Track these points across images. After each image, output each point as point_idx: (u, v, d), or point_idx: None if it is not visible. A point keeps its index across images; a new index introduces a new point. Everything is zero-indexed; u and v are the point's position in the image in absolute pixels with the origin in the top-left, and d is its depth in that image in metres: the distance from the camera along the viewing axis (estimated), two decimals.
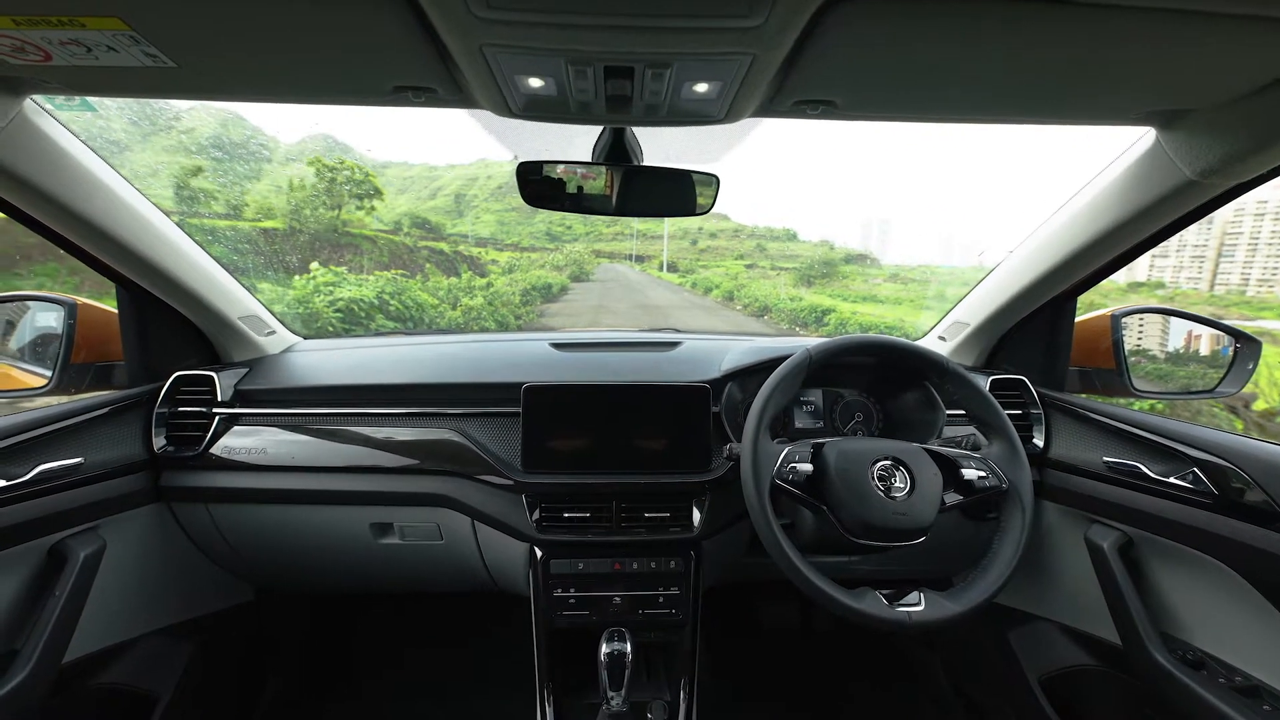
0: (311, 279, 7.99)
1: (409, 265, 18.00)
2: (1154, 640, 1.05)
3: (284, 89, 0.74)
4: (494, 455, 1.18)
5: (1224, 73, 0.68)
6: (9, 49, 0.60)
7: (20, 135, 0.79)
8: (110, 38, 0.58)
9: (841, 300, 25.09)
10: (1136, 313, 1.32)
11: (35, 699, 0.94)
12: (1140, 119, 0.85)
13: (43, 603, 0.99)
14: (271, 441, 1.20)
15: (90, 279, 1.14)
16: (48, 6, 0.54)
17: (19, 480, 0.94)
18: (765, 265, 51.34)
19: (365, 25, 0.58)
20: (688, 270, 42.42)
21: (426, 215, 41.18)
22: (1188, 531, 1.01)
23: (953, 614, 0.91)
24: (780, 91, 0.73)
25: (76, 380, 1.18)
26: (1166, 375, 1.38)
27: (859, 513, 0.93)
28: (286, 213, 16.66)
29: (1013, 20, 0.58)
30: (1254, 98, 0.72)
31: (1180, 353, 1.38)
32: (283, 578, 1.44)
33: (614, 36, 0.58)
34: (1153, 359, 1.38)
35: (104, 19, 0.55)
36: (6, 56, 0.62)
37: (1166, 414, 1.19)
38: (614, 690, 1.03)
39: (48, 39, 0.58)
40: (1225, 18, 0.56)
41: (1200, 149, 0.82)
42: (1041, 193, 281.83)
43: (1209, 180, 0.85)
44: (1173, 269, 30.49)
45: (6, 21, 0.55)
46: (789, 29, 0.56)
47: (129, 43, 0.59)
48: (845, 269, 45.50)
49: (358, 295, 8.17)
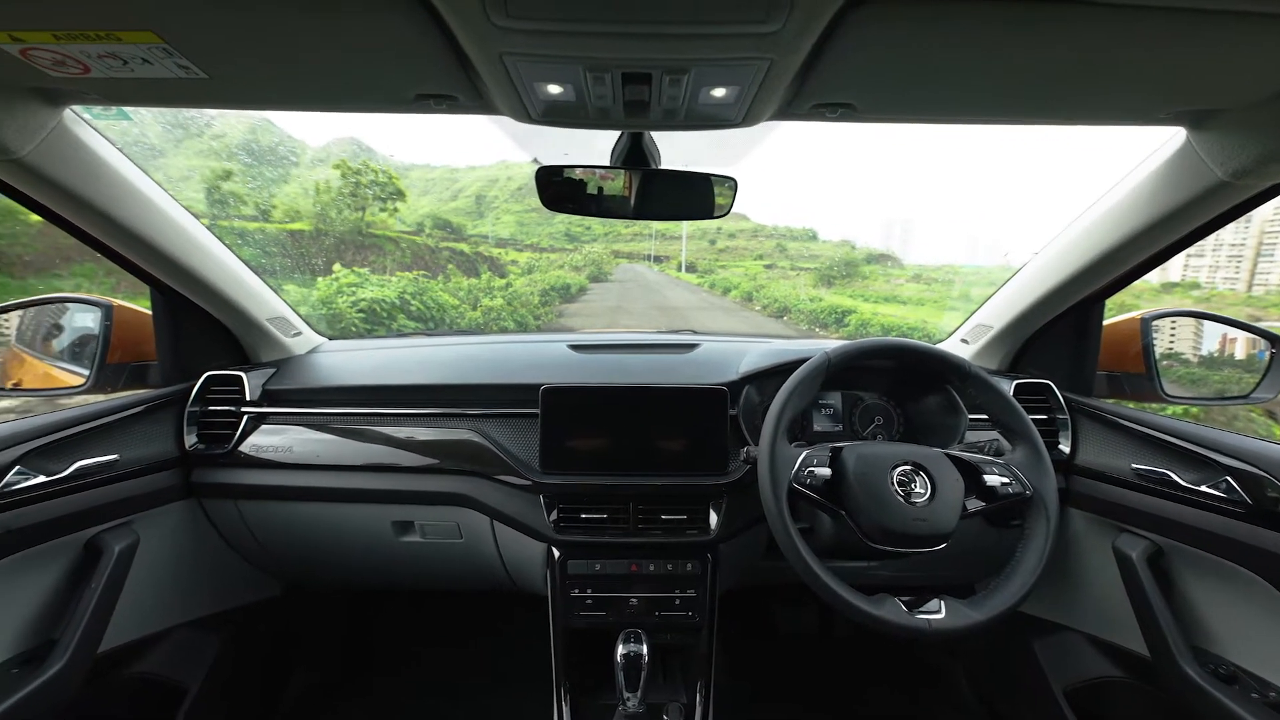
0: (335, 280, 8.17)
1: (430, 266, 18.27)
2: (1184, 653, 1.02)
3: (309, 98, 0.76)
4: (512, 456, 1.19)
5: (1256, 72, 0.65)
6: (50, 62, 0.63)
7: (60, 144, 0.83)
8: (145, 50, 0.60)
9: (863, 301, 24.81)
10: (1167, 316, 1.28)
11: (72, 687, 0.98)
12: (1170, 119, 0.83)
13: (79, 595, 1.02)
14: (297, 440, 1.23)
15: (126, 280, 1.18)
16: (86, 21, 0.56)
17: (58, 476, 0.98)
18: (785, 265, 50.99)
19: (388, 36, 0.59)
20: (706, 270, 42.33)
21: (448, 216, 41.75)
22: (1220, 541, 0.98)
23: (974, 623, 0.90)
24: (798, 95, 0.72)
25: (112, 379, 1.22)
26: (1199, 380, 1.34)
27: (878, 518, 0.92)
28: (313, 215, 17.03)
29: (1035, 21, 0.57)
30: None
31: (1214, 357, 1.33)
32: (308, 574, 1.47)
33: (631, 43, 0.58)
34: (1184, 363, 1.34)
35: (138, 32, 0.57)
36: (47, 70, 0.65)
37: (1200, 420, 1.15)
38: (630, 691, 1.04)
39: (86, 52, 0.61)
40: (1257, 16, 0.54)
41: (1233, 149, 0.80)
42: (1070, 191, 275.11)
43: (1242, 181, 0.82)
44: (1208, 269, 29.49)
45: (47, 36, 0.58)
46: (807, 33, 0.56)
47: (162, 55, 0.61)
48: (867, 269, 44.98)
49: (380, 296, 8.33)
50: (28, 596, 0.99)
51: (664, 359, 1.38)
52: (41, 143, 0.79)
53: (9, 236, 8.72)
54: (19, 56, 0.61)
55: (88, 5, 0.53)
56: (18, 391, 1.26)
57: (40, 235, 9.32)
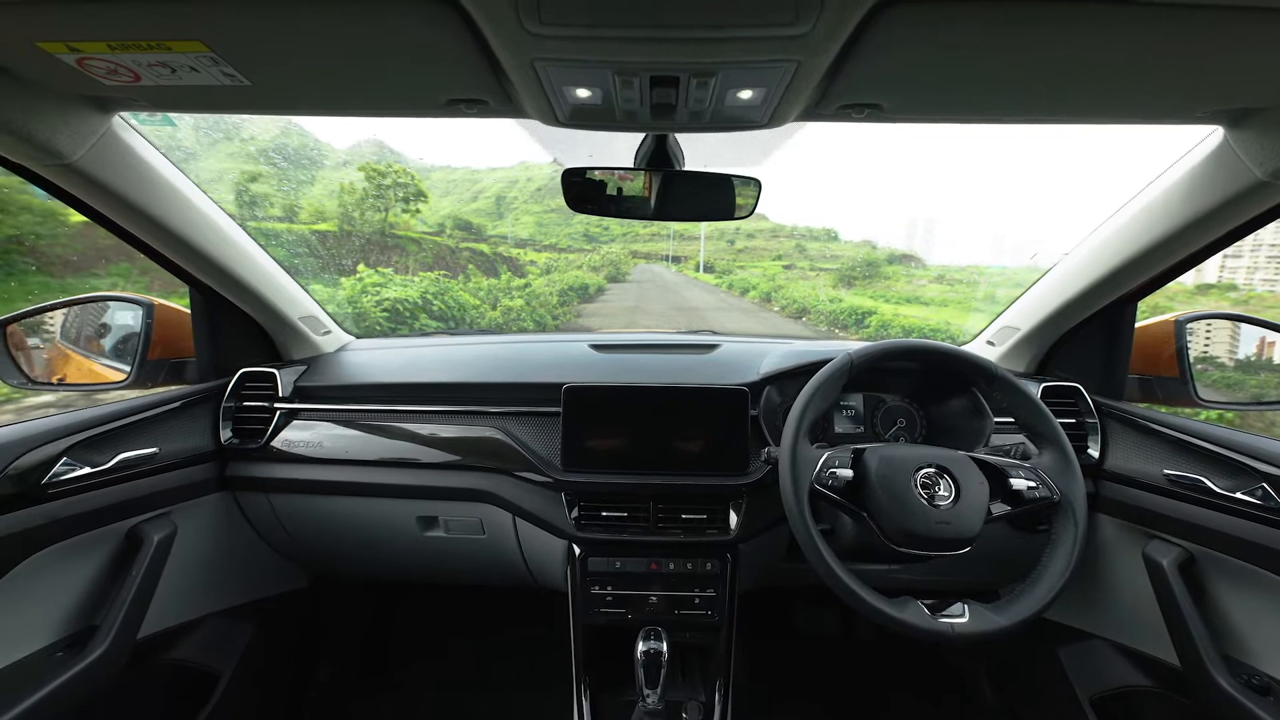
0: (360, 280, 8.33)
1: (451, 266, 18.48)
2: (1216, 663, 0.99)
3: (346, 103, 0.79)
4: (535, 453, 1.21)
5: None
6: (103, 71, 0.66)
7: (109, 150, 0.87)
8: (193, 59, 0.63)
9: (884, 302, 24.45)
10: (1203, 318, 1.25)
11: (113, 672, 1.02)
12: (1206, 117, 0.81)
13: (120, 582, 1.06)
14: (327, 435, 1.26)
15: (160, 278, 1.22)
16: (139, 32, 0.59)
17: (102, 468, 1.02)
18: (804, 266, 50.50)
19: (423, 42, 0.61)
20: (724, 271, 42.12)
21: (468, 217, 42.19)
22: (1256, 550, 0.95)
23: (998, 628, 0.89)
24: (825, 96, 0.72)
25: (152, 375, 1.27)
26: (1236, 384, 1.30)
27: (901, 521, 0.91)
28: (338, 216, 17.36)
29: (1067, 21, 0.56)
30: None
31: (1251, 361, 1.29)
32: (335, 566, 1.51)
33: (660, 48, 0.59)
34: (1220, 367, 1.30)
35: (187, 42, 0.60)
36: (100, 78, 0.68)
37: (1236, 426, 1.12)
38: (650, 688, 1.05)
39: (137, 61, 0.64)
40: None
41: (1272, 149, 0.78)
42: (1100, 190, 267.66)
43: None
44: (1246, 270, 28.30)
45: (102, 46, 0.61)
46: (835, 36, 0.57)
47: (209, 63, 0.64)
48: (888, 269, 44.31)
49: (403, 295, 8.47)
50: (72, 583, 1.03)
51: (684, 359, 1.38)
52: (92, 148, 0.83)
53: (49, 237, 9.03)
54: (75, 65, 0.64)
55: (142, 16, 0.56)
56: (62, 386, 1.32)
57: (80, 236, 9.65)
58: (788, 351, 1.35)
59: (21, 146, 0.78)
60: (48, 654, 0.98)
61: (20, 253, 8.64)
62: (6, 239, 8.58)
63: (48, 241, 9.00)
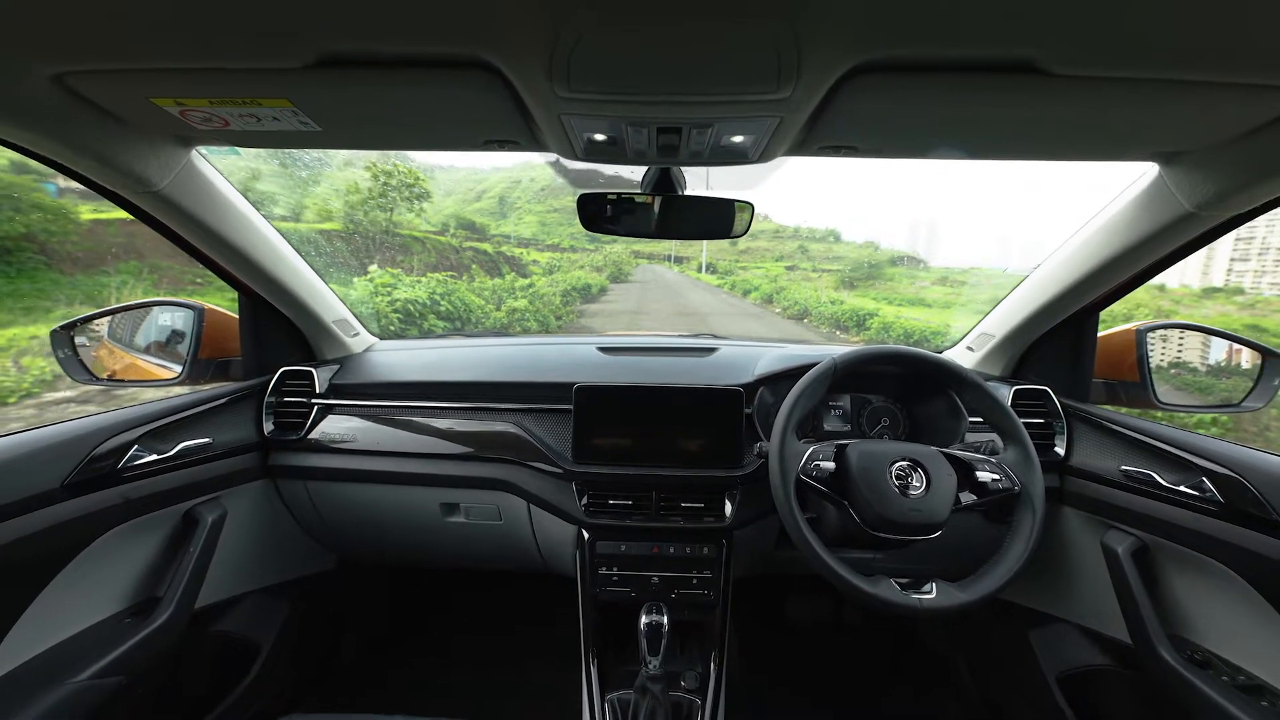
0: (371, 280, 8.49)
1: (455, 265, 18.60)
2: (1163, 641, 1.10)
3: (399, 143, 0.91)
4: (548, 446, 1.33)
5: (1210, 124, 0.75)
6: (199, 119, 0.78)
7: (188, 179, 0.99)
8: (277, 112, 0.75)
9: (886, 304, 24.51)
10: (1162, 328, 1.36)
11: (172, 639, 1.14)
12: (1144, 157, 0.93)
13: (179, 559, 1.19)
14: (359, 429, 1.38)
15: (168, 276, 1.35)
16: (237, 93, 0.71)
17: (165, 455, 1.15)
18: (806, 267, 50.46)
19: (470, 101, 0.73)
20: (726, 271, 42.15)
21: (472, 217, 42.25)
22: (1196, 537, 1.06)
23: (961, 603, 1.00)
24: (806, 139, 0.84)
25: (202, 372, 1.39)
26: (1193, 389, 1.41)
27: (877, 508, 1.02)
28: (343, 215, 17.49)
29: (1008, 91, 0.68)
30: (1241, 141, 0.79)
31: (1208, 368, 1.41)
32: (362, 550, 1.63)
33: (665, 108, 0.71)
34: (1178, 373, 1.41)
35: (277, 100, 0.72)
36: (196, 125, 0.80)
37: (1189, 426, 1.23)
38: (652, 655, 1.16)
39: (230, 112, 0.76)
40: (1195, 84, 0.64)
41: (1198, 184, 0.89)
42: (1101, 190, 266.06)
43: (1206, 212, 0.92)
44: (1253, 273, 28.19)
45: (204, 102, 0.73)
46: (811, 98, 0.68)
47: (290, 115, 0.76)
48: (891, 271, 44.31)
49: (412, 296, 8.63)
50: (138, 558, 1.15)
51: (686, 361, 1.50)
52: (175, 177, 0.95)
53: (60, 235, 9.15)
54: (178, 115, 0.77)
55: (243, 81, 0.68)
56: (123, 383, 1.44)
57: (90, 234, 9.77)
58: (780, 355, 1.47)
59: (119, 177, 0.90)
60: (118, 620, 1.10)
61: (32, 250, 8.76)
62: (19, 236, 8.70)
63: (59, 239, 9.11)
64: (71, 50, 0.64)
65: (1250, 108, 0.70)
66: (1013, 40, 0.59)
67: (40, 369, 6.48)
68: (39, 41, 0.62)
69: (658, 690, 1.15)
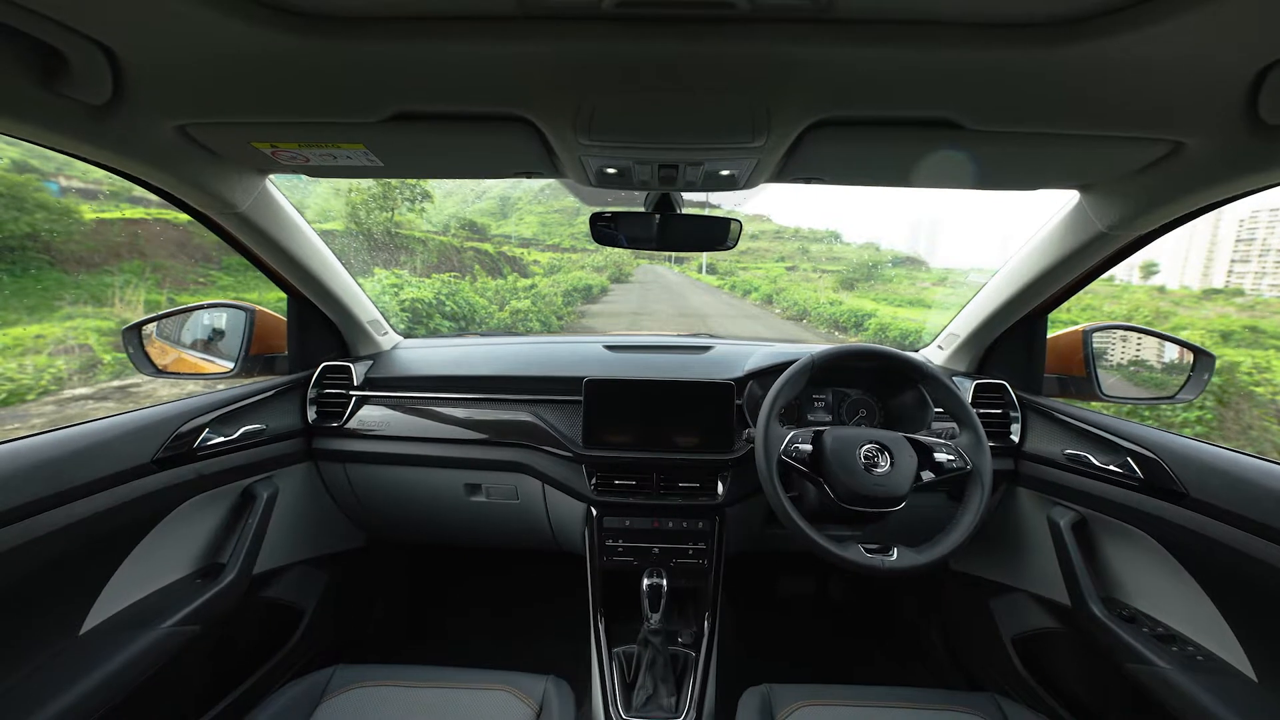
0: (378, 281, 8.67)
1: (457, 266, 18.74)
2: (1096, 602, 1.26)
3: (445, 174, 1.08)
4: (560, 433, 1.50)
5: (1106, 164, 0.93)
6: (286, 157, 0.95)
7: (262, 201, 1.17)
8: (350, 152, 0.92)
9: (885, 304, 24.63)
10: (1106, 329, 1.53)
11: (233, 601, 1.31)
12: (1067, 185, 1.10)
13: (240, 529, 1.36)
14: (392, 417, 1.56)
15: (171, 275, 1.53)
16: (322, 139, 0.88)
17: (230, 438, 1.32)
18: (807, 268, 50.57)
19: (510, 145, 0.90)
20: (727, 272, 42.27)
21: (473, 217, 42.33)
22: (1122, 510, 1.23)
23: (918, 564, 1.16)
24: (782, 171, 1.01)
25: (251, 367, 1.56)
26: (1134, 382, 1.58)
27: (848, 483, 1.19)
28: (344, 215, 17.64)
29: (937, 141, 0.85)
30: (1135, 176, 0.96)
31: (1147, 364, 1.58)
32: (391, 528, 1.80)
33: (665, 151, 0.89)
34: (1121, 369, 1.58)
35: (353, 144, 0.89)
36: (282, 161, 0.97)
37: (1124, 415, 1.40)
38: (653, 612, 1.33)
39: (312, 153, 0.93)
40: (1084, 136, 0.82)
41: (1108, 209, 1.07)
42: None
43: (1115, 233, 1.09)
44: (1254, 275, 28.26)
45: (294, 145, 0.90)
46: (780, 145, 0.86)
47: (361, 155, 0.93)
48: (891, 272, 44.41)
49: (418, 296, 8.82)
50: (206, 527, 1.32)
51: (683, 358, 1.67)
52: (253, 200, 1.13)
53: (64, 234, 9.26)
54: (269, 154, 0.94)
55: (327, 131, 0.85)
56: (183, 375, 1.61)
57: (93, 234, 9.88)
58: (768, 352, 1.64)
59: (212, 201, 1.08)
60: (190, 580, 1.27)
61: (36, 250, 8.87)
62: (23, 236, 8.81)
63: (62, 238, 9.21)
64: (198, 109, 0.81)
65: (1133, 153, 0.87)
66: (933, 105, 0.77)
67: (57, 368, 6.65)
68: (174, 104, 0.80)
69: (658, 642, 1.32)
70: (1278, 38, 0.62)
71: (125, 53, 0.70)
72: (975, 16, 0.63)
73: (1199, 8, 0.58)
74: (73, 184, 11.18)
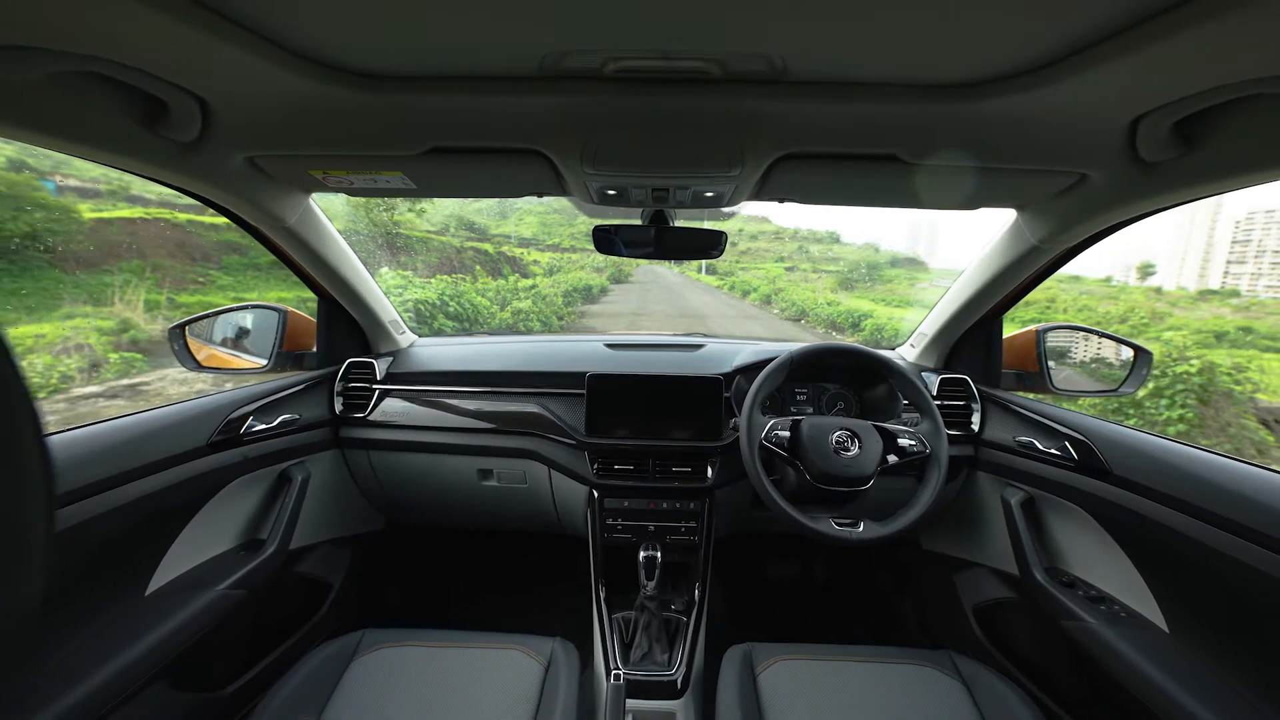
0: (382, 279, 8.84)
1: (457, 266, 18.88)
2: (1041, 571, 1.42)
3: (466, 193, 1.24)
4: (565, 423, 1.66)
5: (1026, 192, 1.10)
6: (334, 181, 1.12)
7: (306, 216, 1.33)
8: (389, 177, 1.08)
9: (883, 305, 24.81)
10: (1056, 329, 1.69)
11: (271, 574, 1.47)
12: (1002, 205, 1.26)
13: (277, 508, 1.52)
14: (411, 409, 1.72)
15: (170, 274, 1.68)
16: (367, 168, 1.04)
17: (270, 426, 1.48)
18: (806, 268, 50.70)
19: (525, 172, 1.06)
20: (726, 273, 42.42)
21: (472, 217, 42.40)
22: (1061, 488, 1.39)
23: (881, 534, 1.32)
24: (760, 193, 1.18)
25: (283, 363, 1.72)
26: (1081, 376, 1.75)
27: (821, 465, 1.35)
28: (345, 215, 17.79)
29: (886, 171, 1.01)
30: (1055, 199, 1.12)
31: (1092, 360, 1.74)
32: (409, 512, 1.96)
33: (657, 178, 1.05)
34: (1070, 365, 1.75)
35: (393, 171, 1.05)
36: (331, 184, 1.13)
37: (1070, 407, 1.56)
38: (649, 580, 1.49)
39: (357, 178, 1.09)
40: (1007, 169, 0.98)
41: (1038, 225, 1.23)
42: None
43: (1045, 246, 1.25)
44: (1250, 276, 28.44)
45: (343, 171, 1.06)
46: (754, 175, 1.02)
47: (398, 180, 1.09)
48: (890, 272, 44.56)
49: (423, 297, 8.98)
50: (249, 505, 1.48)
51: (678, 355, 1.83)
52: (299, 216, 1.29)
53: (63, 234, 9.35)
54: (320, 179, 1.10)
55: (373, 161, 1.02)
56: (222, 370, 1.76)
57: (92, 233, 9.97)
58: (755, 350, 1.80)
59: (265, 217, 1.24)
60: (235, 552, 1.43)
61: (35, 250, 8.96)
62: (23, 235, 8.90)
63: (62, 238, 9.29)
64: (266, 144, 0.97)
65: (1050, 181, 1.04)
66: (878, 145, 0.93)
67: (65, 368, 6.78)
68: (247, 140, 0.96)
69: (653, 607, 1.48)
70: (1142, 97, 0.78)
71: (216, 102, 0.86)
72: (905, 79, 0.80)
73: (1077, 75, 0.74)
74: (69, 183, 11.26)
